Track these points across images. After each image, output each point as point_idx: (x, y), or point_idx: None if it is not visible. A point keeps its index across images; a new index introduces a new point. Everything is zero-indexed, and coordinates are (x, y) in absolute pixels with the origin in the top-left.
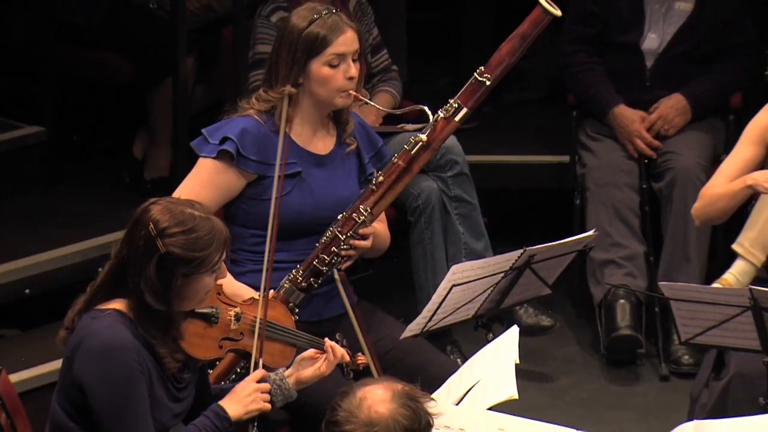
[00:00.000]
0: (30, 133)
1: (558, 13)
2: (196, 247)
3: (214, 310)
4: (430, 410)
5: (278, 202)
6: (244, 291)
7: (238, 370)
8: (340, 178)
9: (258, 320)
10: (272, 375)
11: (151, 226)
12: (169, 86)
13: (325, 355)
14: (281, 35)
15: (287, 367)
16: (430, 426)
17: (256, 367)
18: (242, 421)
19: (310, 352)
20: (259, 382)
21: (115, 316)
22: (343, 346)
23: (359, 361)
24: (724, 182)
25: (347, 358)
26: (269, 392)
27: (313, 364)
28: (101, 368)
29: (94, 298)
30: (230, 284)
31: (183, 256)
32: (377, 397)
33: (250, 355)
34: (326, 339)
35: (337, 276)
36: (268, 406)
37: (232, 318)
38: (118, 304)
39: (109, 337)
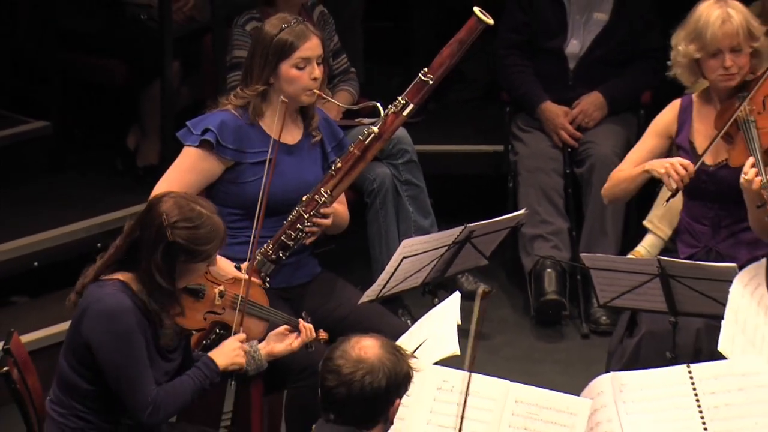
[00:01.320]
0: (37, 127)
1: (490, 21)
2: (198, 241)
3: (201, 286)
4: (411, 364)
5: (264, 198)
6: (224, 265)
7: (205, 342)
8: (306, 165)
9: (239, 299)
10: (246, 346)
11: (164, 216)
12: (157, 86)
13: (296, 333)
14: (255, 41)
15: (260, 341)
16: (409, 376)
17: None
18: (222, 377)
19: (282, 328)
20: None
21: (118, 286)
22: (308, 323)
23: (321, 337)
24: (630, 168)
25: (313, 334)
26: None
27: (283, 340)
28: (107, 328)
29: (103, 270)
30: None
31: (187, 248)
32: (369, 343)
33: (230, 326)
34: (301, 320)
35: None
36: (244, 362)
37: (217, 294)
38: (121, 276)
39: (113, 302)
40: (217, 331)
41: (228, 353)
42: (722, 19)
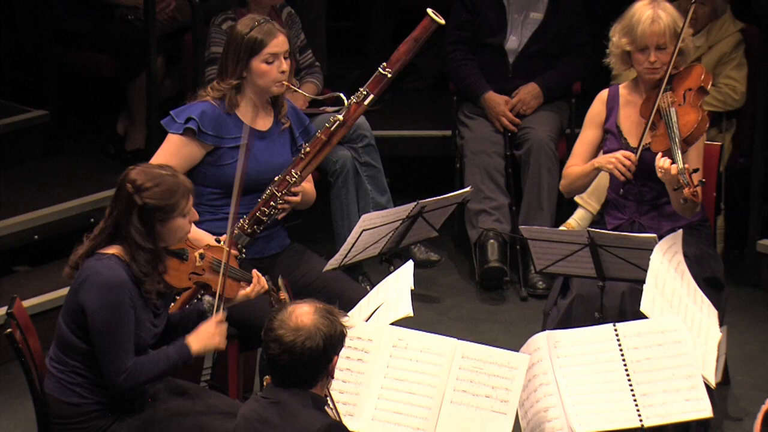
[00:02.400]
0: (36, 115)
1: (442, 21)
2: (164, 195)
3: (183, 250)
4: (344, 323)
5: (242, 181)
6: (204, 236)
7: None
8: (277, 149)
9: (223, 264)
10: (206, 297)
11: (129, 185)
12: (143, 79)
13: (252, 284)
14: (229, 39)
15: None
16: (344, 335)
17: (219, 299)
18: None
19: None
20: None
21: (114, 260)
22: (286, 288)
23: (281, 297)
24: (578, 161)
25: (266, 287)
26: (205, 312)
27: (242, 290)
28: (101, 298)
29: (96, 245)
30: (193, 231)
31: (157, 205)
32: (303, 310)
33: (209, 285)
34: (254, 270)
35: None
36: (224, 344)
37: (198, 257)
38: (115, 250)
39: (110, 275)
40: (199, 296)
41: (203, 338)
42: (652, 19)
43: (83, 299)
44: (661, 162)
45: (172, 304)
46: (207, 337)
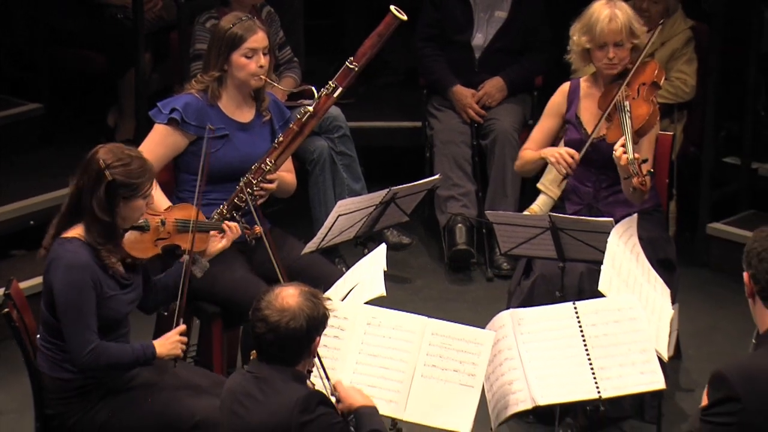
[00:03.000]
0: (32, 108)
1: (404, 18)
2: (132, 175)
3: (144, 222)
4: (327, 306)
5: (205, 170)
6: (161, 201)
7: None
8: (258, 140)
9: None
10: (186, 255)
11: (101, 161)
12: (132, 74)
13: (223, 234)
14: (212, 36)
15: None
16: (326, 317)
17: (190, 255)
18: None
19: (212, 233)
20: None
21: (76, 242)
22: (238, 222)
23: (256, 231)
24: (533, 146)
25: (239, 232)
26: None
27: (215, 241)
28: (63, 279)
29: (60, 224)
30: (158, 198)
31: (124, 182)
32: (289, 293)
33: (178, 245)
34: (225, 222)
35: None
36: (181, 353)
37: (159, 224)
38: (76, 231)
39: (71, 257)
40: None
41: (167, 345)
42: (609, 17)
43: (50, 281)
44: (618, 150)
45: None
46: (170, 344)
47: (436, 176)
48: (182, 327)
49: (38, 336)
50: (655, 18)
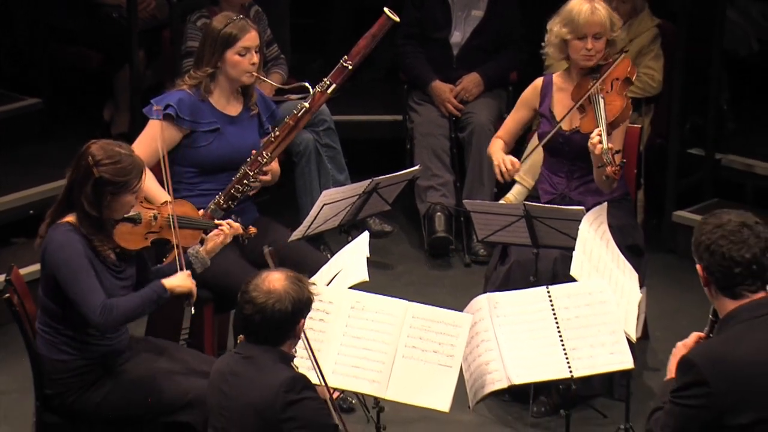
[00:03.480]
0: (31, 103)
1: (397, 19)
2: (119, 173)
3: (137, 214)
4: (311, 290)
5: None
6: (159, 194)
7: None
8: (246, 132)
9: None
10: (190, 250)
11: (90, 158)
12: (127, 70)
13: (223, 231)
14: (205, 33)
15: (200, 245)
16: (311, 300)
17: (178, 249)
18: (178, 300)
19: (214, 231)
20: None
21: (67, 227)
22: (236, 221)
23: (251, 231)
24: (503, 133)
25: (240, 230)
26: (191, 263)
27: (216, 238)
28: (59, 256)
29: (55, 213)
30: (150, 188)
31: (111, 180)
32: (275, 277)
33: (168, 240)
34: (223, 221)
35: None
36: (193, 286)
37: (151, 217)
38: (71, 218)
39: (63, 238)
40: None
41: (176, 278)
42: (591, 10)
43: (47, 265)
44: (595, 139)
45: (164, 259)
46: (181, 279)
47: (416, 167)
48: (188, 272)
49: (37, 321)
50: (624, 17)
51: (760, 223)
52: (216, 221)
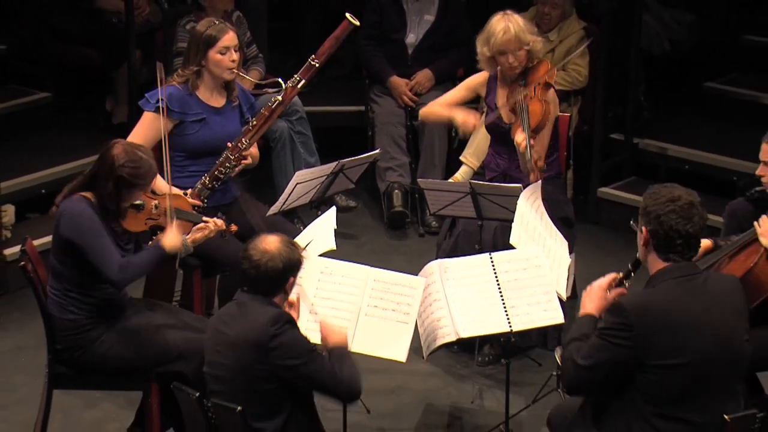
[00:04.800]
0: (41, 97)
1: (357, 23)
2: (138, 177)
3: (141, 202)
4: (302, 253)
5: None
6: (163, 186)
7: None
8: (228, 122)
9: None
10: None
11: (115, 158)
12: (125, 68)
13: (208, 226)
14: (192, 36)
15: (186, 234)
16: (300, 262)
17: (170, 211)
18: (170, 260)
19: (201, 224)
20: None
21: (81, 199)
22: (220, 218)
23: (232, 229)
24: (441, 101)
25: (224, 227)
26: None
27: (202, 231)
28: (76, 223)
29: (73, 190)
30: (158, 180)
31: (130, 181)
32: (271, 239)
33: (164, 227)
34: (209, 218)
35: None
36: (181, 243)
37: (153, 206)
38: (85, 193)
39: (78, 207)
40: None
41: (169, 237)
42: (503, 30)
43: (64, 232)
44: (518, 139)
45: (150, 241)
46: (172, 236)
47: (377, 151)
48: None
49: (48, 285)
50: (555, 21)
51: (702, 204)
52: (204, 218)
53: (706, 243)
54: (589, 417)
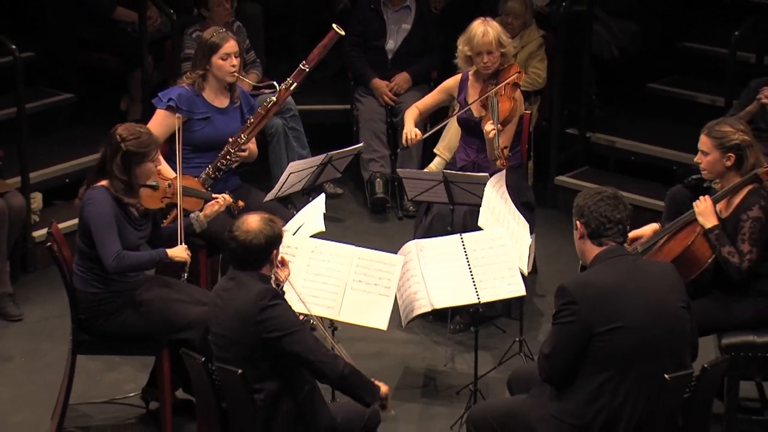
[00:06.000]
0: (65, 97)
1: (342, 33)
2: (141, 146)
3: (155, 183)
4: (281, 228)
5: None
6: (170, 172)
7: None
8: (231, 120)
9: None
10: (192, 214)
11: (118, 136)
12: (138, 72)
13: (218, 202)
14: (198, 44)
15: (200, 210)
16: (281, 236)
17: (180, 218)
18: (175, 268)
19: (211, 201)
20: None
21: (102, 189)
22: (229, 194)
23: (240, 205)
24: (421, 105)
25: (231, 201)
26: (191, 224)
27: (212, 207)
28: (92, 211)
29: (92, 178)
30: (163, 166)
31: (135, 151)
32: (252, 218)
33: (176, 205)
34: (218, 195)
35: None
36: (188, 258)
37: (166, 186)
38: (104, 182)
39: (98, 196)
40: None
41: (176, 249)
42: (483, 33)
43: (84, 217)
44: (488, 128)
45: (164, 220)
46: (179, 251)
47: (361, 144)
48: (185, 246)
49: (74, 262)
50: (517, 29)
51: (624, 197)
52: (213, 195)
53: (653, 226)
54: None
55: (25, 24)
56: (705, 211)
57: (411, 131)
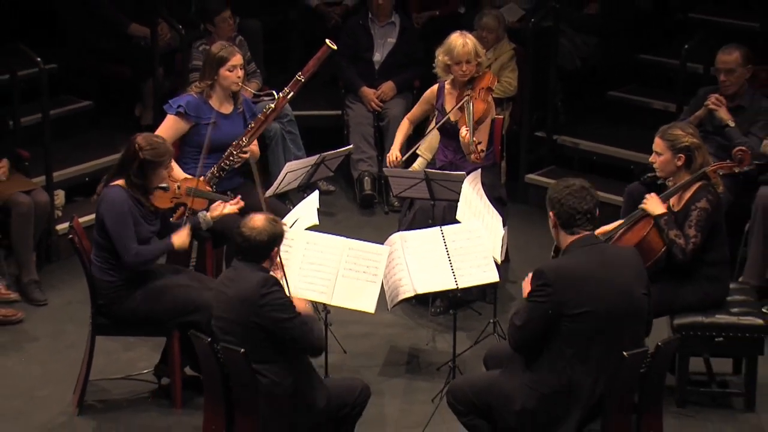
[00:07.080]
0: (85, 104)
1: (335, 47)
2: (157, 155)
3: (166, 185)
4: (283, 228)
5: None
6: (181, 174)
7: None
8: (235, 125)
9: (193, 189)
10: (200, 214)
11: (137, 145)
12: (151, 81)
13: (224, 203)
14: (206, 56)
15: (206, 210)
16: (282, 234)
17: (188, 212)
18: (183, 256)
19: (218, 201)
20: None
21: (118, 187)
22: (231, 194)
23: (240, 205)
24: (410, 116)
25: (241, 203)
26: (199, 223)
27: (218, 208)
28: (109, 209)
29: (110, 177)
30: (175, 169)
31: (151, 160)
32: (257, 217)
33: (186, 204)
34: (224, 197)
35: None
36: (187, 244)
37: (176, 187)
38: (121, 181)
39: (114, 195)
40: (186, 215)
41: (180, 237)
42: (463, 44)
43: (101, 214)
44: (463, 133)
45: (174, 215)
46: (182, 238)
47: (351, 146)
48: (188, 228)
49: (92, 253)
50: (490, 42)
51: (593, 188)
52: (219, 195)
53: (618, 222)
54: (521, 359)
55: (49, 38)
56: (652, 203)
57: (393, 154)
